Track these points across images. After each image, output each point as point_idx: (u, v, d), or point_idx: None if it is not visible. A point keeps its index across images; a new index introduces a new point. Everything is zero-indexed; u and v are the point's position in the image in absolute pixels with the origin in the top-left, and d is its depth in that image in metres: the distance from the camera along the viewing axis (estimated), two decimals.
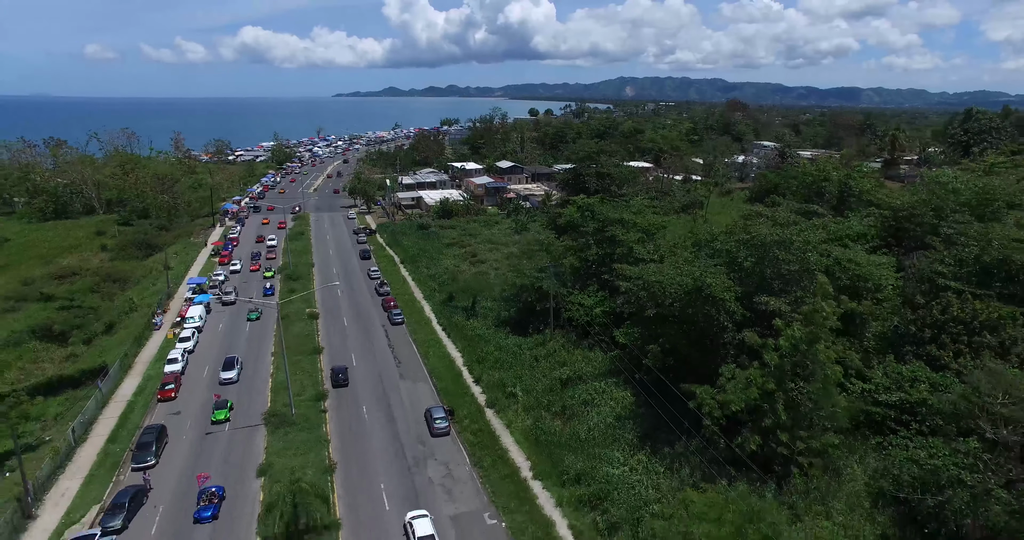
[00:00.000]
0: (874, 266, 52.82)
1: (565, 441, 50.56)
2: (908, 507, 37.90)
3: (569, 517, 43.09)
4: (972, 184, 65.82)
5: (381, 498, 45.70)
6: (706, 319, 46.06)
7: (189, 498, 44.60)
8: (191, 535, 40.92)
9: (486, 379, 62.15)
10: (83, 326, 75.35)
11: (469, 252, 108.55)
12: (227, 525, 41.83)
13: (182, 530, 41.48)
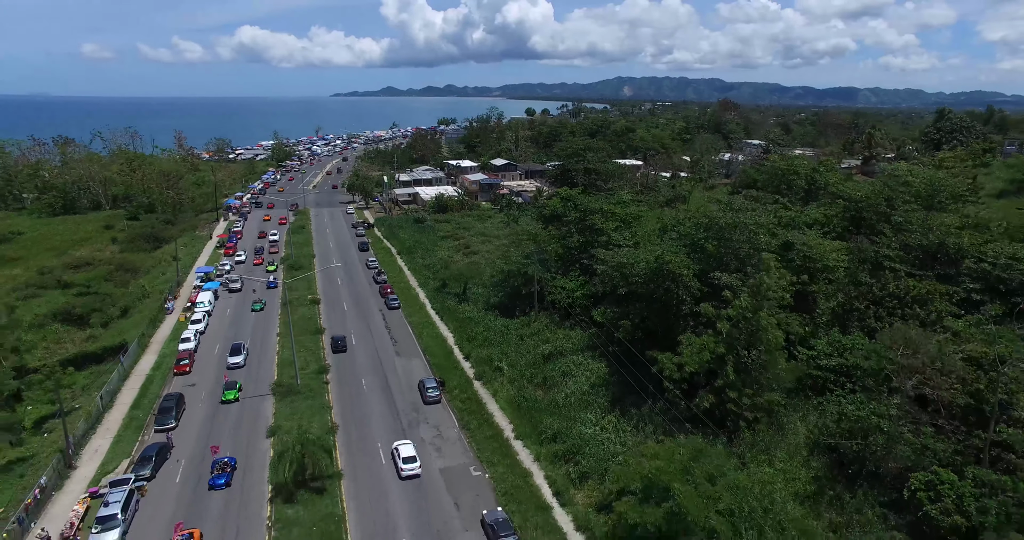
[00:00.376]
0: (825, 249, 58.38)
1: (544, 407, 56.16)
2: (838, 453, 43.41)
3: (545, 469, 48.68)
4: (922, 177, 71.49)
5: (378, 454, 51.21)
6: (667, 294, 51.73)
7: (206, 457, 50.00)
8: (207, 501, 44.96)
9: (475, 355, 67.73)
10: (100, 310, 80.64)
11: (463, 244, 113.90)
12: (239, 486, 46.49)
13: (199, 496, 45.56)
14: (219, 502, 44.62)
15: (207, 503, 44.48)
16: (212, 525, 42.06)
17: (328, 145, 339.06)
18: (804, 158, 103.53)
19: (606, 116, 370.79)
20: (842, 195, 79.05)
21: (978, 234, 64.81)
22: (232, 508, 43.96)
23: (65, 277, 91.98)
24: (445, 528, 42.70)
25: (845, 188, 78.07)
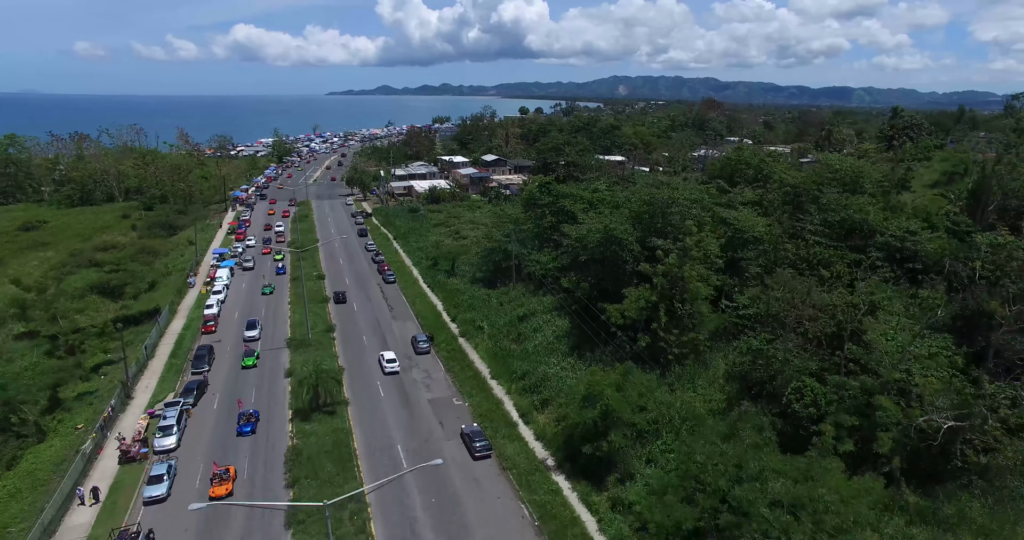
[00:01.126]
0: (753, 223, 69.39)
1: (516, 355, 67.12)
2: (746, 380, 54.39)
3: (514, 398, 59.72)
4: (846, 165, 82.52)
5: (378, 390, 62.15)
6: (614, 256, 62.79)
7: (233, 395, 60.65)
8: (236, 445, 53.25)
9: (460, 318, 78.72)
10: (130, 284, 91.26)
11: (453, 230, 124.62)
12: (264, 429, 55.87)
13: (228, 441, 53.58)
14: (247, 444, 53.65)
15: (237, 446, 52.79)
16: (243, 463, 50.27)
17: (326, 142, 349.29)
18: (752, 150, 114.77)
19: (598, 114, 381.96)
20: (783, 181, 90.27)
21: (889, 213, 76.28)
22: (259, 449, 52.79)
23: (96, 257, 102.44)
24: (431, 438, 53.72)
25: (786, 176, 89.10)
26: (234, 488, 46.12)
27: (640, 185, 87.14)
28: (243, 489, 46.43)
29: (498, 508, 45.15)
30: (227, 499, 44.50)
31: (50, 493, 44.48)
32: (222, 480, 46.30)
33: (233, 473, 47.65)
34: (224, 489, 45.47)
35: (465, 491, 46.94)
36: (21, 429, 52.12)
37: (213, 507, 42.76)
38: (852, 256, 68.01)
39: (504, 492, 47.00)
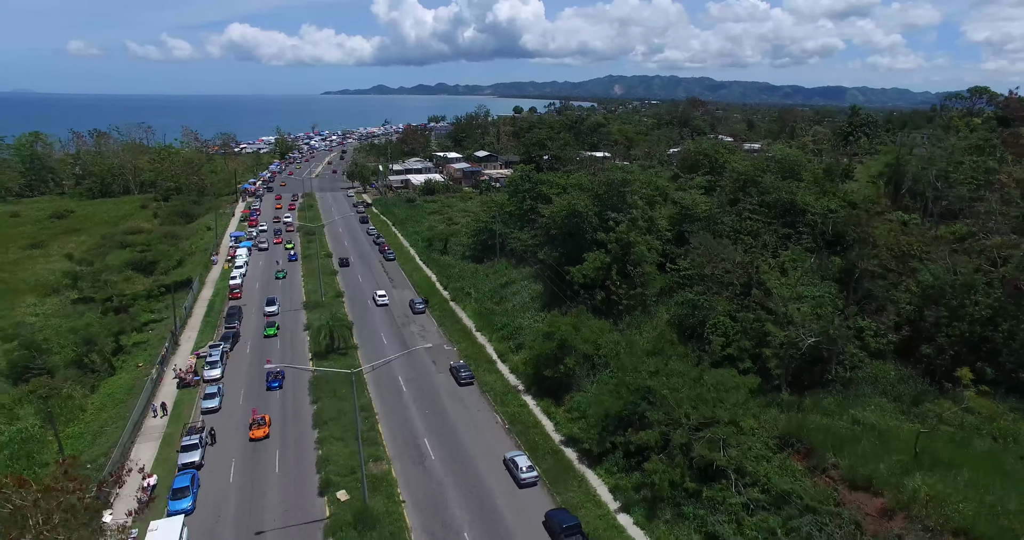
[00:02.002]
0: (697, 202, 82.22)
1: (497, 313, 79.89)
2: (681, 326, 67.11)
3: (494, 344, 72.52)
4: (785, 155, 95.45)
5: (382, 340, 74.89)
6: (578, 228, 75.69)
7: (261, 344, 73.13)
8: (267, 398, 63.31)
9: (451, 286, 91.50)
10: (161, 261, 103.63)
11: (446, 217, 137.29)
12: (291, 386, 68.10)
13: (261, 394, 63.43)
14: (277, 397, 64.48)
15: (269, 399, 62.56)
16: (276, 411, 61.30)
17: (324, 140, 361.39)
18: (709, 143, 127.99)
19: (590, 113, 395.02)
20: (733, 168, 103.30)
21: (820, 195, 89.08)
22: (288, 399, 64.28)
23: (126, 240, 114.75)
24: (425, 372, 66.53)
25: (736, 164, 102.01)
26: (270, 431, 54.87)
27: (604, 170, 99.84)
28: (276, 430, 55.86)
29: (478, 417, 57.94)
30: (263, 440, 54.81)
31: (130, 407, 57.02)
32: (260, 425, 54.71)
33: (268, 420, 56.17)
34: (262, 432, 53.95)
35: (452, 407, 59.73)
36: (96, 365, 64.63)
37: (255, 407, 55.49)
38: (783, 230, 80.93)
39: (483, 407, 59.81)
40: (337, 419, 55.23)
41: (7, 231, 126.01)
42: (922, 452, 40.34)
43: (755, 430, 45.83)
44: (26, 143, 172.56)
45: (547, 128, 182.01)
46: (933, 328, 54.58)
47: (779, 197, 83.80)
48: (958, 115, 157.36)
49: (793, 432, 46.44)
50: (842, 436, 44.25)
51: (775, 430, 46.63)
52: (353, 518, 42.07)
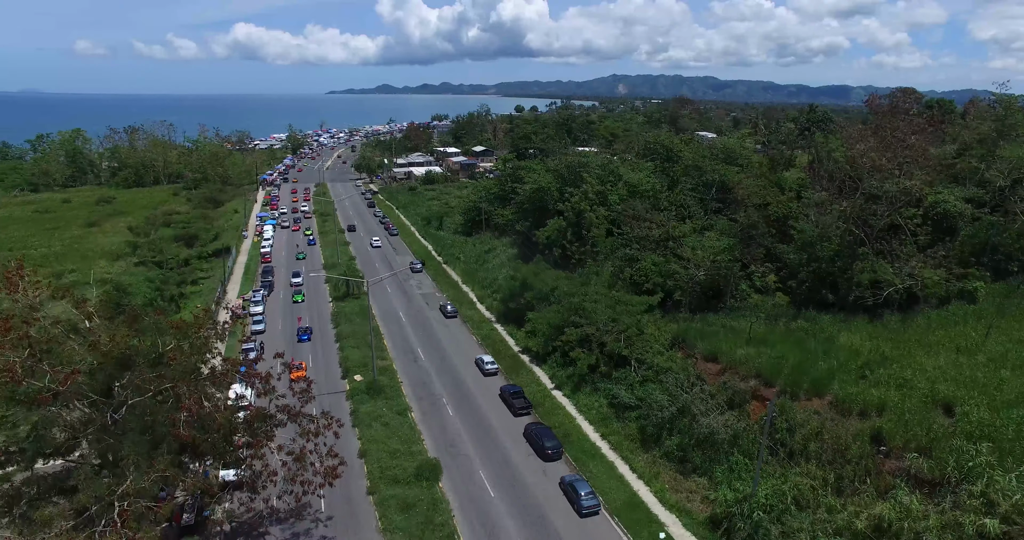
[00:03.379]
0: (641, 180, 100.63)
1: (480, 271, 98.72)
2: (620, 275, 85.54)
3: (475, 292, 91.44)
4: (723, 144, 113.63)
5: (387, 290, 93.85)
6: (543, 200, 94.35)
7: (290, 293, 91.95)
8: (299, 347, 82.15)
9: (444, 253, 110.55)
10: (200, 236, 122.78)
11: (443, 202, 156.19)
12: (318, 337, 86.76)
13: (293, 345, 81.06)
14: (307, 347, 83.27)
15: (301, 349, 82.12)
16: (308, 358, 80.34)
17: (332, 138, 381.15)
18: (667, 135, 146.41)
19: (582, 112, 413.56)
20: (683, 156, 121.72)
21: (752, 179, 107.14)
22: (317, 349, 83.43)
23: (168, 219, 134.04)
24: (421, 311, 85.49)
25: (684, 152, 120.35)
26: (306, 373, 68.09)
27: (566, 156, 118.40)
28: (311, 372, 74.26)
29: (458, 336, 76.87)
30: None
31: None
32: (298, 369, 66.27)
33: (304, 365, 70.31)
34: (300, 374, 62.71)
35: (440, 330, 78.64)
36: (166, 307, 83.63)
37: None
38: (715, 204, 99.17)
39: (463, 331, 78.69)
40: (353, 336, 74.24)
41: (64, 213, 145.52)
42: (753, 336, 58.98)
43: (654, 334, 64.45)
44: (69, 139, 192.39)
45: (535, 124, 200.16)
46: (799, 268, 73.00)
47: (714, 178, 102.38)
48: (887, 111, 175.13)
49: (680, 334, 65.10)
50: (708, 333, 62.88)
51: (668, 333, 65.26)
52: (366, 388, 61.03)
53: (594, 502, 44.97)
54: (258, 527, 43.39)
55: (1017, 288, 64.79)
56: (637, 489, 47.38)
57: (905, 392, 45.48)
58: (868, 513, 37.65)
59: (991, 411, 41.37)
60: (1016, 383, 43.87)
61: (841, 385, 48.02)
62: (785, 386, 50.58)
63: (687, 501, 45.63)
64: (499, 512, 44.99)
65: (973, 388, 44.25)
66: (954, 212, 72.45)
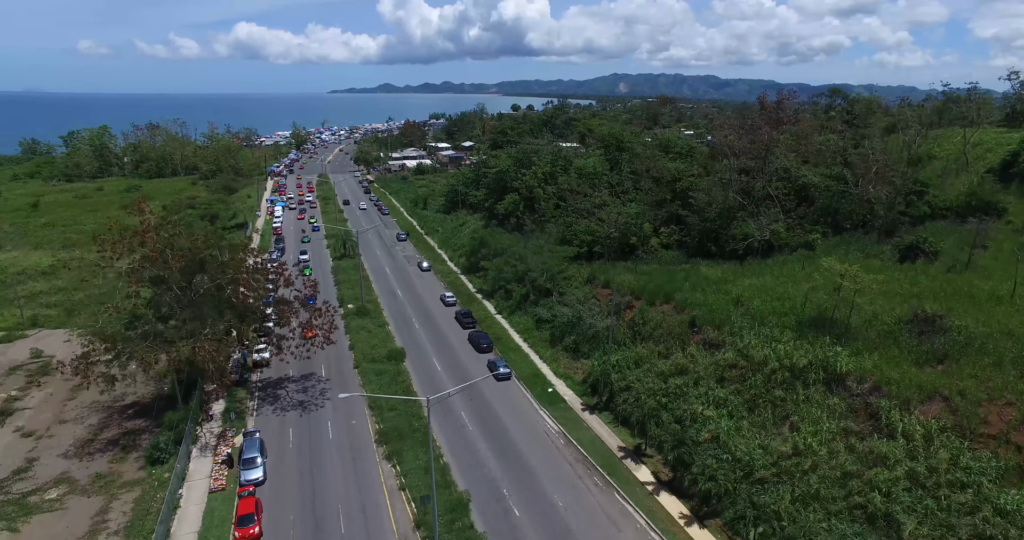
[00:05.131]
0: (590, 165, 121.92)
1: (455, 240, 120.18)
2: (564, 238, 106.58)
3: (447, 254, 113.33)
4: (664, 136, 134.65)
5: (377, 252, 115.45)
6: (504, 180, 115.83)
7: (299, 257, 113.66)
8: None
9: (426, 228, 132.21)
10: (220, 216, 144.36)
11: (430, 188, 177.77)
12: (321, 285, 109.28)
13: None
14: None
15: None
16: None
17: (334, 135, 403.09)
18: (631, 130, 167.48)
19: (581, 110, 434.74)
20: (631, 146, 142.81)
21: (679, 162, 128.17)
22: (320, 290, 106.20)
23: (191, 203, 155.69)
24: (403, 267, 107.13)
25: (632, 144, 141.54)
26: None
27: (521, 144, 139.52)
28: None
29: (430, 283, 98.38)
30: None
31: None
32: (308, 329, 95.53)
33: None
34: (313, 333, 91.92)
35: (416, 280, 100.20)
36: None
37: None
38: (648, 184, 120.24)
39: (434, 279, 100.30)
40: (347, 282, 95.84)
41: (100, 199, 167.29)
42: (641, 272, 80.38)
43: (574, 274, 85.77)
44: (97, 135, 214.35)
45: (515, 121, 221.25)
46: (693, 227, 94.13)
47: (651, 165, 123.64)
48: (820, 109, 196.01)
49: (592, 273, 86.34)
50: (612, 272, 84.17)
51: (584, 274, 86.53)
52: (356, 310, 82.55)
53: (507, 371, 66.42)
54: (281, 385, 64.88)
55: (847, 240, 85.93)
56: (540, 367, 68.82)
57: (719, 296, 66.78)
58: (672, 362, 59.08)
59: (764, 303, 62.63)
60: (788, 289, 65.07)
61: (680, 295, 69.33)
62: (648, 297, 71.92)
63: (572, 373, 67.01)
64: (443, 378, 66.44)
65: (763, 292, 65.51)
66: (811, 185, 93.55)
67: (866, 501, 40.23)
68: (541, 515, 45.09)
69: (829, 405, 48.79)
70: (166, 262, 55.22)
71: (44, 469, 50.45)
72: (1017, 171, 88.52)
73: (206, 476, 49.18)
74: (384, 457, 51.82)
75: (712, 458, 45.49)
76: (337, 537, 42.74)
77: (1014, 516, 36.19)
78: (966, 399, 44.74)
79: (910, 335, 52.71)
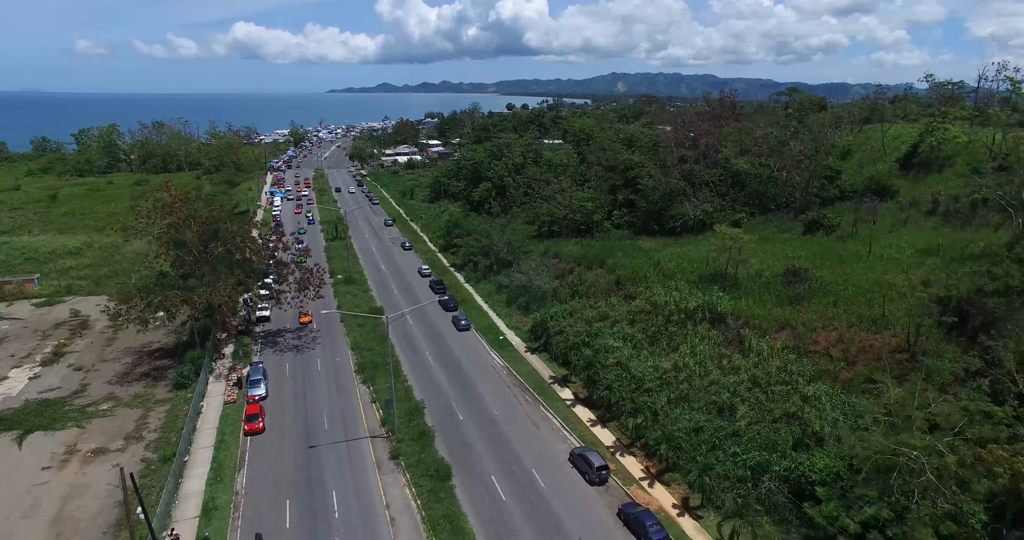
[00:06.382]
0: (561, 157, 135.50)
1: (436, 224, 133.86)
2: (536, 220, 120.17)
3: (428, 237, 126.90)
4: (628, 130, 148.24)
5: (366, 235, 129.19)
6: (478, 171, 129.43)
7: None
8: None
9: (411, 215, 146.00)
10: (226, 204, 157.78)
11: (417, 181, 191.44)
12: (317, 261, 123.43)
13: None
14: None
15: None
16: None
17: (331, 133, 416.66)
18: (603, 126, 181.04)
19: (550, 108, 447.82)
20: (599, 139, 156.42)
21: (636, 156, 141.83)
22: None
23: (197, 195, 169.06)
24: (388, 247, 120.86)
25: (602, 137, 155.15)
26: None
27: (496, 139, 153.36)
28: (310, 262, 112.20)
29: (411, 260, 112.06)
30: None
31: None
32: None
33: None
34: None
35: (398, 257, 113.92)
36: None
37: None
38: (608, 175, 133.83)
39: (415, 256, 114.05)
40: (338, 258, 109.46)
41: (112, 191, 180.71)
42: (585, 245, 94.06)
43: (532, 250, 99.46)
44: (106, 133, 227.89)
45: (500, 119, 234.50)
46: (640, 209, 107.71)
47: (612, 155, 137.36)
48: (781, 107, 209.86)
49: (548, 248, 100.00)
50: (563, 246, 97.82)
51: (541, 249, 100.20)
52: (344, 279, 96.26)
53: (467, 323, 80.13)
54: (280, 335, 78.56)
55: (770, 218, 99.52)
56: (496, 321, 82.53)
57: (644, 261, 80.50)
58: (597, 311, 72.78)
59: (676, 265, 76.39)
60: (699, 254, 78.75)
61: (611, 260, 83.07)
62: (586, 264, 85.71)
63: (521, 325, 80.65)
64: (414, 329, 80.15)
65: (678, 257, 79.27)
66: (743, 172, 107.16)
67: (718, 398, 53.82)
68: (479, 418, 58.82)
69: (711, 336, 62.54)
70: (189, 228, 68.91)
71: (95, 390, 64.10)
72: (917, 160, 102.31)
73: (221, 394, 62.87)
74: (361, 382, 65.57)
75: (614, 376, 59.09)
76: (322, 431, 56.40)
77: (812, 400, 49.80)
78: (806, 327, 58.50)
79: (781, 284, 66.48)
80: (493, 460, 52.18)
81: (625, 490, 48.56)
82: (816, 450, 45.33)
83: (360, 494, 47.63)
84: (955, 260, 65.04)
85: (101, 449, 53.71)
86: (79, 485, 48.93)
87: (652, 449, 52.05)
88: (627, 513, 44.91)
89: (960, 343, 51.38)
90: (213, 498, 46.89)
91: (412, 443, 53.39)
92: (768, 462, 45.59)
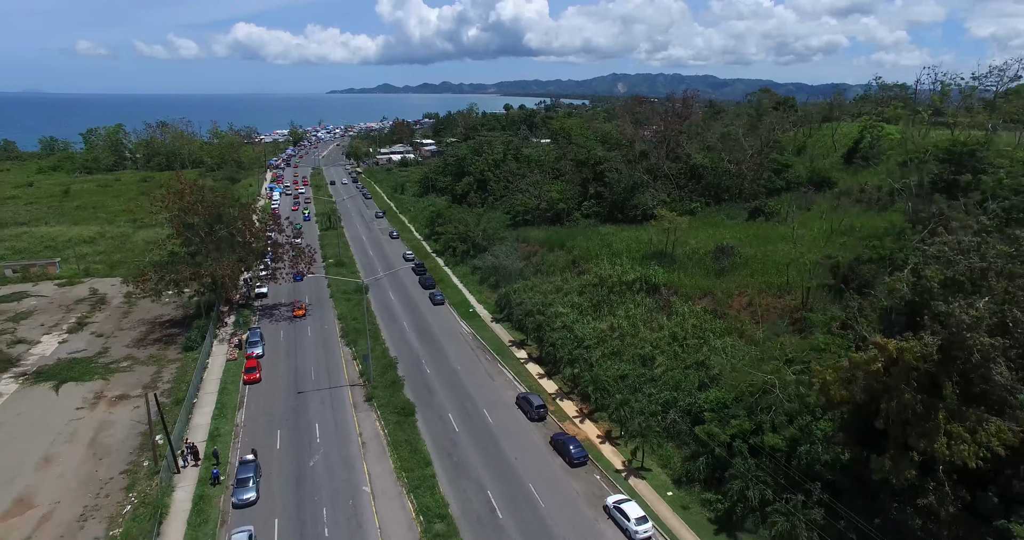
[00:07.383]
0: (544, 153, 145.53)
1: (423, 216, 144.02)
2: (510, 212, 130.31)
3: (415, 227, 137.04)
4: (603, 130, 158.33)
5: (357, 227, 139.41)
6: (462, 166, 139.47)
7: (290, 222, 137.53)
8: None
9: (400, 208, 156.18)
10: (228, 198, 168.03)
11: (409, 178, 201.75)
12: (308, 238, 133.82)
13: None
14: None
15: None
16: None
17: (329, 133, 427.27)
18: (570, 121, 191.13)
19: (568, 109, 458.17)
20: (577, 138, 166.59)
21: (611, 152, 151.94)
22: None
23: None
24: (377, 237, 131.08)
25: (578, 135, 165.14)
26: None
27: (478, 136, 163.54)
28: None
29: (397, 247, 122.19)
30: None
31: None
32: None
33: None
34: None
35: (387, 246, 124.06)
36: None
37: None
38: (580, 170, 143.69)
39: (400, 244, 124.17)
40: (330, 245, 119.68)
41: (119, 187, 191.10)
42: (550, 231, 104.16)
43: (505, 236, 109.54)
44: (113, 132, 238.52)
45: (487, 117, 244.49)
46: (606, 200, 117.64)
47: (589, 151, 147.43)
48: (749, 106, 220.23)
49: (521, 235, 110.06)
50: (532, 232, 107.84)
51: (513, 236, 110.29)
52: (335, 262, 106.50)
53: (441, 298, 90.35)
54: (276, 308, 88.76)
55: (722, 208, 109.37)
56: (468, 297, 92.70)
57: (598, 243, 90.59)
58: (553, 284, 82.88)
59: (624, 245, 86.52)
60: (647, 236, 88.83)
61: (570, 243, 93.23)
62: (549, 246, 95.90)
63: (490, 300, 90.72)
64: (395, 303, 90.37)
65: (628, 240, 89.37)
66: (700, 165, 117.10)
67: (642, 351, 63.84)
68: (443, 371, 68.97)
69: (645, 303, 72.56)
70: (196, 213, 79.17)
71: (115, 352, 74.30)
72: (858, 155, 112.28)
73: (224, 354, 73.09)
74: (345, 345, 75.75)
75: (558, 336, 69.12)
76: (309, 381, 66.55)
77: (719, 350, 59.72)
78: (724, 294, 68.50)
79: (711, 260, 76.53)
80: (451, 402, 62.33)
81: (559, 425, 58.59)
82: (714, 388, 55.39)
83: (339, 426, 57.80)
84: (863, 238, 75.02)
85: (123, 395, 63.91)
86: (107, 421, 59.12)
87: (585, 394, 62.09)
88: (556, 439, 54.98)
89: (842, 301, 61.42)
90: (218, 428, 57.07)
91: (384, 389, 63.50)
92: (675, 399, 55.57)
